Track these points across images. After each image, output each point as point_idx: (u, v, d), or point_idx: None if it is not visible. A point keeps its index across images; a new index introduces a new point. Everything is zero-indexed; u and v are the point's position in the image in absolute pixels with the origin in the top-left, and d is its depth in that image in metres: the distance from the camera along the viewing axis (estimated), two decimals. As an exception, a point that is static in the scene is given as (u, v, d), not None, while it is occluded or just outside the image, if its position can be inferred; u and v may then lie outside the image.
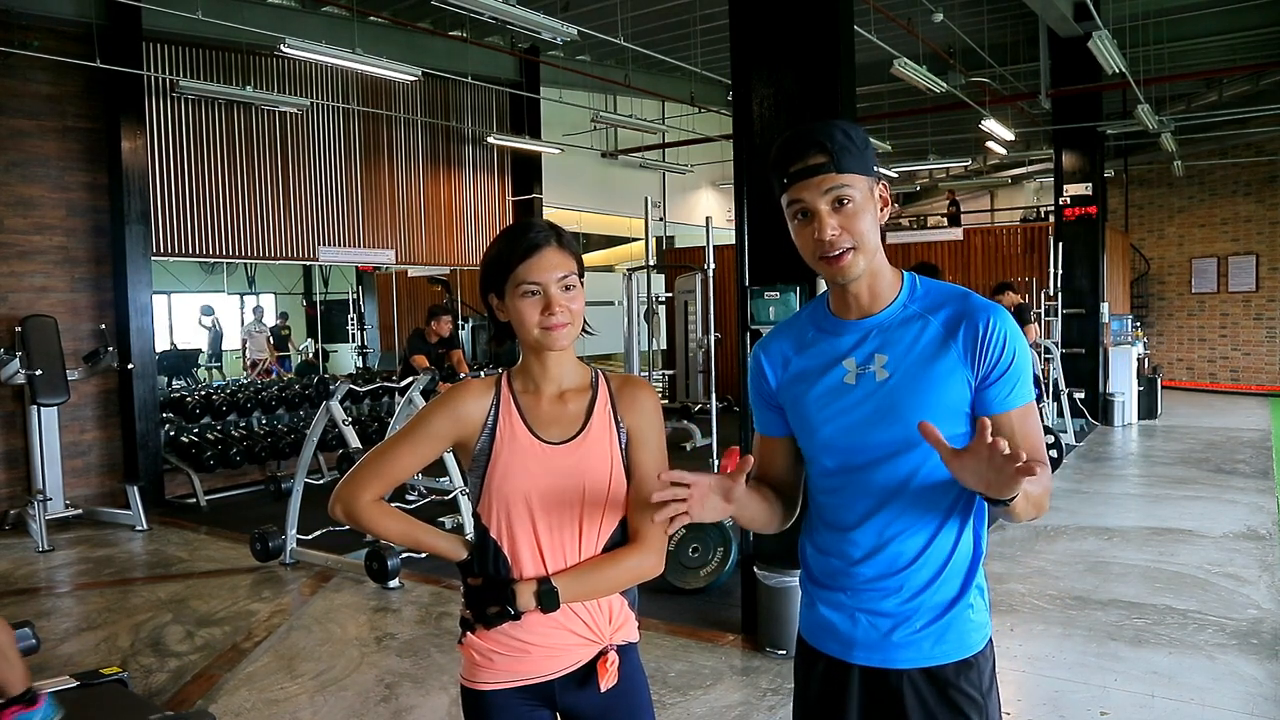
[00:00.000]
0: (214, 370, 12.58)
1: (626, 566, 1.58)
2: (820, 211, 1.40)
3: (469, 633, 1.60)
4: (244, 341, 12.59)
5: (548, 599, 1.52)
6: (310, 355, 12.62)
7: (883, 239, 1.50)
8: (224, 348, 13.03)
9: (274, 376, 10.96)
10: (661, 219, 13.44)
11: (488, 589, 1.54)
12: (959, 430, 1.43)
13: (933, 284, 1.51)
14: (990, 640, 1.51)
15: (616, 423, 1.60)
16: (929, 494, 1.44)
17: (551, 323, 1.52)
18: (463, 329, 10.37)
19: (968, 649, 1.47)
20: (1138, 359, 11.53)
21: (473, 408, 1.57)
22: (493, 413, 1.57)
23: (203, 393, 8.30)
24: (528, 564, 1.55)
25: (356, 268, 11.60)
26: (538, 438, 1.56)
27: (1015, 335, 1.43)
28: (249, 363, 12.16)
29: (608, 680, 1.57)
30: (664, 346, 12.72)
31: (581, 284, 1.57)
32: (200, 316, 12.87)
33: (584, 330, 1.61)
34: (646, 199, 6.35)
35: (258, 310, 12.97)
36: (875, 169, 1.44)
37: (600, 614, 1.59)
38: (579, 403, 1.60)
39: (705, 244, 5.68)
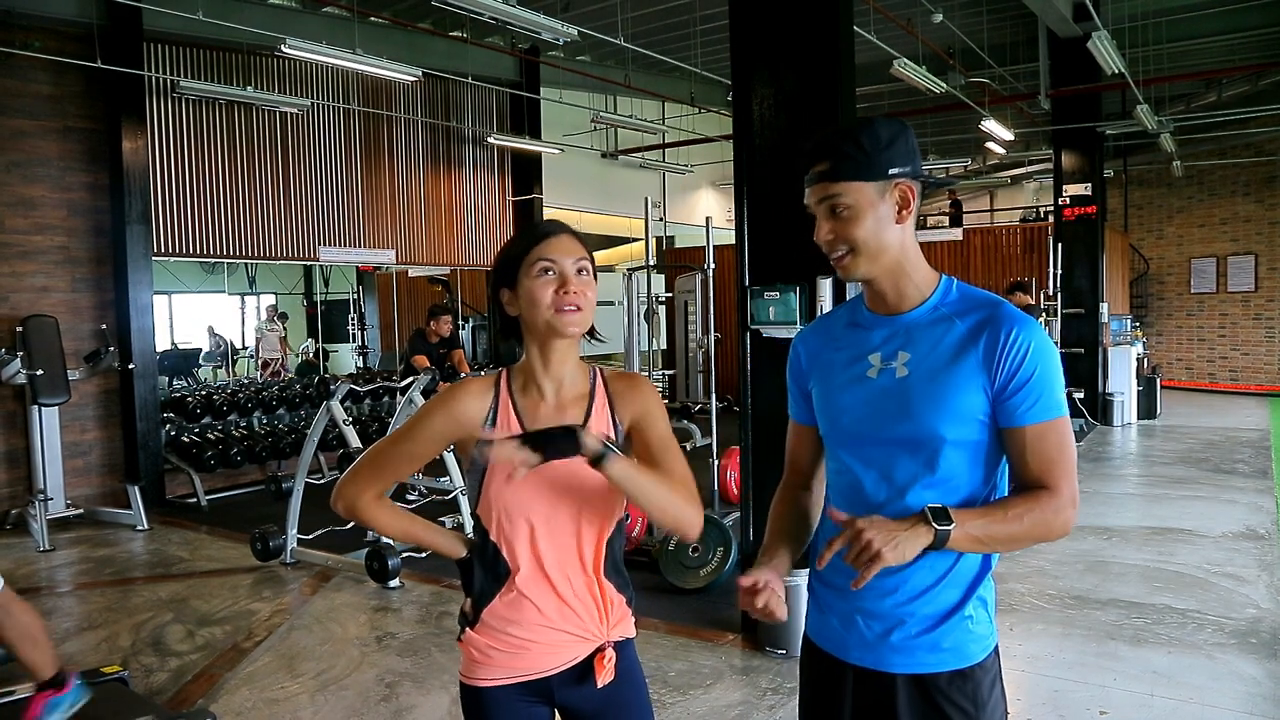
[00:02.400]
0: (219, 370, 12.60)
1: (677, 503, 1.52)
2: (819, 215, 1.47)
3: (468, 629, 1.61)
4: (257, 341, 12.62)
5: (603, 458, 1.43)
6: (311, 355, 12.63)
7: None
8: (235, 346, 13.07)
9: (284, 375, 10.99)
10: (661, 219, 13.45)
11: (553, 433, 1.43)
12: (970, 436, 1.44)
13: (968, 289, 1.52)
14: (994, 652, 1.50)
15: (615, 423, 1.60)
16: (935, 496, 1.44)
17: (565, 302, 1.51)
18: (463, 329, 10.38)
19: (964, 660, 1.46)
20: (1137, 359, 11.54)
21: (471, 408, 1.57)
22: (491, 415, 1.57)
23: (203, 393, 8.31)
24: (526, 567, 1.56)
25: (357, 268, 11.61)
26: None
27: (1041, 349, 1.41)
28: (262, 362, 12.19)
29: (604, 677, 1.58)
30: (664, 346, 12.72)
31: (595, 279, 1.58)
32: (206, 343, 12.92)
33: (593, 336, 1.61)
34: (646, 199, 6.36)
35: (270, 309, 13.00)
36: (893, 172, 1.44)
37: (598, 611, 1.60)
38: (577, 407, 1.60)
39: (705, 244, 5.69)
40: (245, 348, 13.33)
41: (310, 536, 5.65)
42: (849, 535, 1.33)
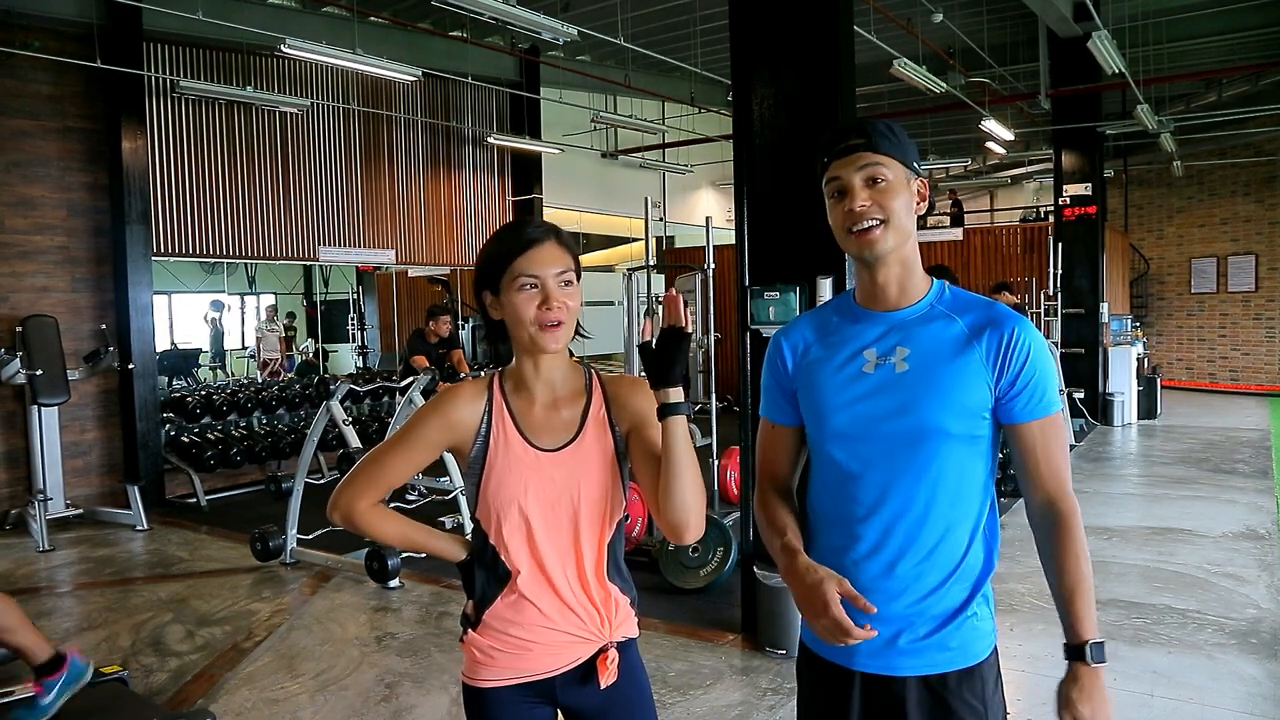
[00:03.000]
0: (217, 370, 12.58)
1: (699, 493, 1.51)
2: (853, 185, 1.45)
3: (470, 630, 1.60)
4: (258, 341, 12.61)
5: (677, 410, 1.47)
6: (310, 355, 12.63)
7: None
8: (226, 346, 13.06)
9: (284, 376, 10.98)
10: (661, 219, 13.45)
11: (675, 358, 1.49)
12: (970, 430, 1.44)
13: (960, 291, 1.54)
14: (995, 649, 1.51)
15: (612, 427, 1.59)
16: (938, 494, 1.44)
17: (548, 318, 1.49)
18: (463, 329, 10.38)
19: (971, 658, 1.47)
20: (1137, 359, 11.54)
21: (465, 413, 1.56)
22: (486, 419, 1.56)
23: (203, 393, 8.31)
24: (526, 569, 1.56)
25: (357, 268, 11.61)
26: (531, 445, 1.55)
27: (1039, 347, 1.45)
28: (261, 362, 12.19)
29: (607, 678, 1.57)
30: (664, 346, 12.68)
31: (578, 285, 1.55)
32: (208, 311, 12.88)
33: (579, 334, 1.59)
34: (646, 199, 6.35)
35: (270, 309, 13.01)
36: (915, 165, 1.49)
37: (600, 612, 1.59)
38: (573, 408, 1.58)
39: (705, 244, 5.68)
40: (245, 347, 13.32)
41: (310, 536, 5.64)
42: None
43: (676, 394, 1.47)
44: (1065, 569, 1.45)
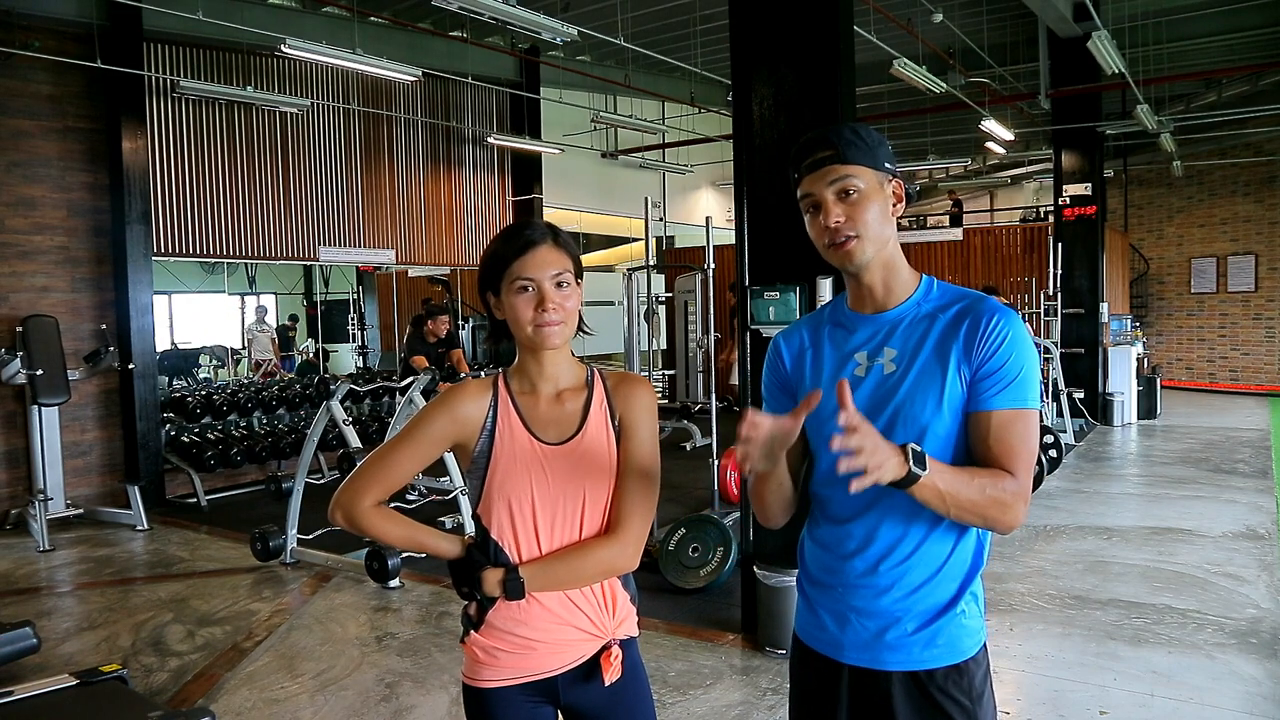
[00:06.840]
0: (220, 370, 12.57)
1: (598, 558, 1.56)
2: (826, 200, 1.46)
3: (472, 631, 1.60)
4: (249, 342, 12.59)
5: (513, 587, 1.53)
6: (311, 355, 12.62)
7: None
8: (229, 346, 13.04)
9: (277, 376, 10.96)
10: (661, 219, 13.45)
11: (460, 570, 1.56)
12: (958, 426, 1.44)
13: (949, 287, 1.53)
14: (984, 646, 1.51)
15: (613, 420, 1.61)
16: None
17: (544, 320, 1.52)
18: (463, 329, 10.38)
19: (959, 654, 1.47)
20: (1137, 359, 11.54)
21: (471, 409, 1.57)
22: (491, 414, 1.58)
23: (203, 393, 8.31)
24: None
25: (357, 268, 11.61)
26: (536, 438, 1.57)
27: (1019, 339, 1.42)
28: (254, 363, 12.17)
29: (612, 674, 1.58)
30: (664, 346, 12.72)
31: (578, 284, 1.57)
32: (251, 318, 12.87)
33: (581, 330, 1.61)
34: (646, 199, 6.36)
35: (260, 310, 12.98)
36: (888, 166, 1.48)
37: (604, 609, 1.60)
38: (575, 402, 1.60)
39: (705, 244, 5.69)
40: (244, 348, 13.31)
41: (310, 536, 5.65)
42: (849, 438, 1.25)
43: (493, 585, 1.55)
44: (969, 467, 1.39)
